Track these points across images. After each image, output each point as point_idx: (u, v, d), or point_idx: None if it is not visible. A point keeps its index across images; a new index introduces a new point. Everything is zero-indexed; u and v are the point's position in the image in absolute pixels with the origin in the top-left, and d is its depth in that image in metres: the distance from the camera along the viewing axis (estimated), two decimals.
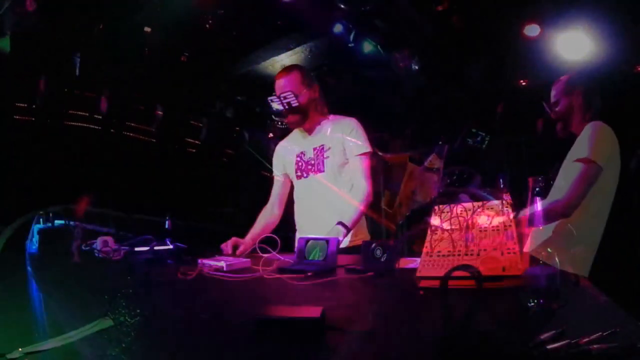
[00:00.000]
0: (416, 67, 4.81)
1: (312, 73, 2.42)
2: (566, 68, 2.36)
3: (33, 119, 4.96)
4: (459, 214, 1.38)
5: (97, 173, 5.01)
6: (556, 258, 0.94)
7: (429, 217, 1.42)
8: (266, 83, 5.00)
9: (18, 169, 4.43)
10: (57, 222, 2.46)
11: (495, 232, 1.30)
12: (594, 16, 3.71)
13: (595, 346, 0.70)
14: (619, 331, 0.75)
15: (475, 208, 1.38)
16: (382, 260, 1.49)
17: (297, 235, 2.38)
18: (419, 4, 4.31)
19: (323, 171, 2.31)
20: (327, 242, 1.71)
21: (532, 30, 4.07)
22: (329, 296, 1.29)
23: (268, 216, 2.46)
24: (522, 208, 1.49)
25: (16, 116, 4.86)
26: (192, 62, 5.25)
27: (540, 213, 1.23)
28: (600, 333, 0.73)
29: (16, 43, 4.04)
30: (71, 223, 2.33)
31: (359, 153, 2.26)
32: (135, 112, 5.91)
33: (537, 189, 1.24)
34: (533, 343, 0.72)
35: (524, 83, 4.90)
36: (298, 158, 2.40)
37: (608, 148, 2.03)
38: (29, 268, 1.87)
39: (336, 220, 2.11)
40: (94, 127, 5.57)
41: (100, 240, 2.13)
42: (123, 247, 2.13)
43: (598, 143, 2.00)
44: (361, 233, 2.32)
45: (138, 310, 1.08)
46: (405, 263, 1.61)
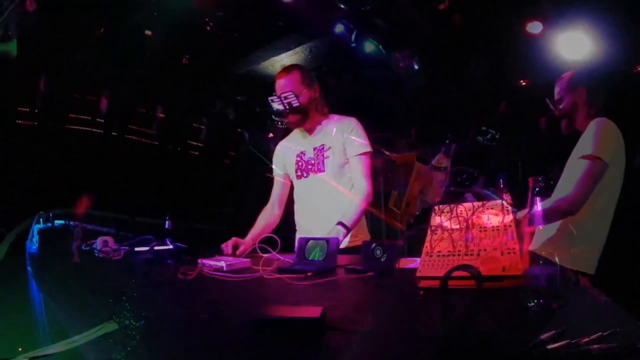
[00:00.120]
0: (417, 67, 4.81)
1: (312, 73, 2.41)
2: (566, 68, 2.35)
3: (35, 123, 4.98)
4: (459, 214, 1.38)
5: (98, 174, 5.01)
6: (558, 256, 0.94)
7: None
8: (266, 83, 5.01)
9: (20, 172, 4.44)
10: (57, 222, 2.46)
11: (495, 232, 1.30)
12: (594, 16, 3.71)
13: (595, 346, 0.70)
14: (619, 331, 0.75)
15: (475, 208, 1.38)
16: (382, 260, 1.49)
17: (297, 235, 2.38)
18: (419, 4, 4.31)
19: (323, 171, 2.30)
20: (327, 242, 1.71)
21: (535, 27, 4.07)
22: (329, 296, 1.29)
23: (268, 216, 2.46)
24: (522, 208, 1.49)
25: (19, 120, 4.88)
26: (193, 63, 5.26)
27: (540, 212, 1.22)
28: (600, 333, 0.73)
29: (18, 46, 4.05)
30: (71, 223, 2.33)
31: (359, 153, 2.25)
32: (135, 113, 5.92)
33: (537, 189, 1.23)
34: (533, 343, 0.72)
35: (524, 83, 4.90)
36: (298, 158, 2.40)
37: (613, 144, 2.01)
38: (29, 268, 1.87)
39: (336, 220, 2.11)
40: (93, 130, 5.59)
41: (100, 240, 2.13)
42: (123, 247, 2.14)
43: (603, 139, 1.98)
44: (361, 233, 2.31)
45: (143, 313, 1.07)
46: (405, 263, 1.61)
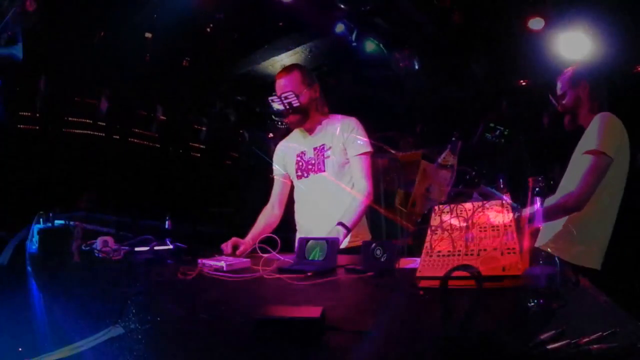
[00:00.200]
0: (417, 67, 4.81)
1: (313, 73, 2.41)
2: (566, 67, 2.34)
3: (37, 128, 5.00)
4: (459, 214, 1.38)
5: (98, 174, 5.02)
6: (564, 253, 0.94)
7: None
8: (266, 83, 5.01)
9: (20, 172, 4.45)
10: (57, 222, 2.46)
11: (495, 232, 1.30)
12: (595, 16, 3.71)
13: (595, 346, 0.70)
14: (619, 331, 0.75)
15: (475, 208, 1.38)
16: (382, 260, 1.49)
17: (297, 235, 2.38)
18: (419, 3, 4.31)
19: (323, 171, 2.30)
20: (327, 242, 1.71)
21: (537, 23, 4.05)
22: (329, 296, 1.29)
23: (268, 216, 2.45)
24: (523, 207, 1.48)
25: (20, 125, 4.89)
26: (193, 63, 5.26)
27: (543, 210, 1.22)
28: (600, 333, 0.73)
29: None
30: (71, 223, 2.33)
31: (360, 153, 2.25)
32: (135, 114, 5.93)
33: (537, 189, 1.23)
34: (533, 343, 0.72)
35: (524, 83, 4.90)
36: (298, 158, 2.40)
37: (617, 138, 2.00)
38: (29, 268, 1.87)
39: (336, 220, 2.11)
40: (91, 130, 5.60)
41: (100, 240, 2.13)
42: (123, 247, 2.13)
43: (607, 134, 1.97)
44: (361, 233, 2.31)
45: (149, 317, 1.07)
46: (405, 263, 1.61)
